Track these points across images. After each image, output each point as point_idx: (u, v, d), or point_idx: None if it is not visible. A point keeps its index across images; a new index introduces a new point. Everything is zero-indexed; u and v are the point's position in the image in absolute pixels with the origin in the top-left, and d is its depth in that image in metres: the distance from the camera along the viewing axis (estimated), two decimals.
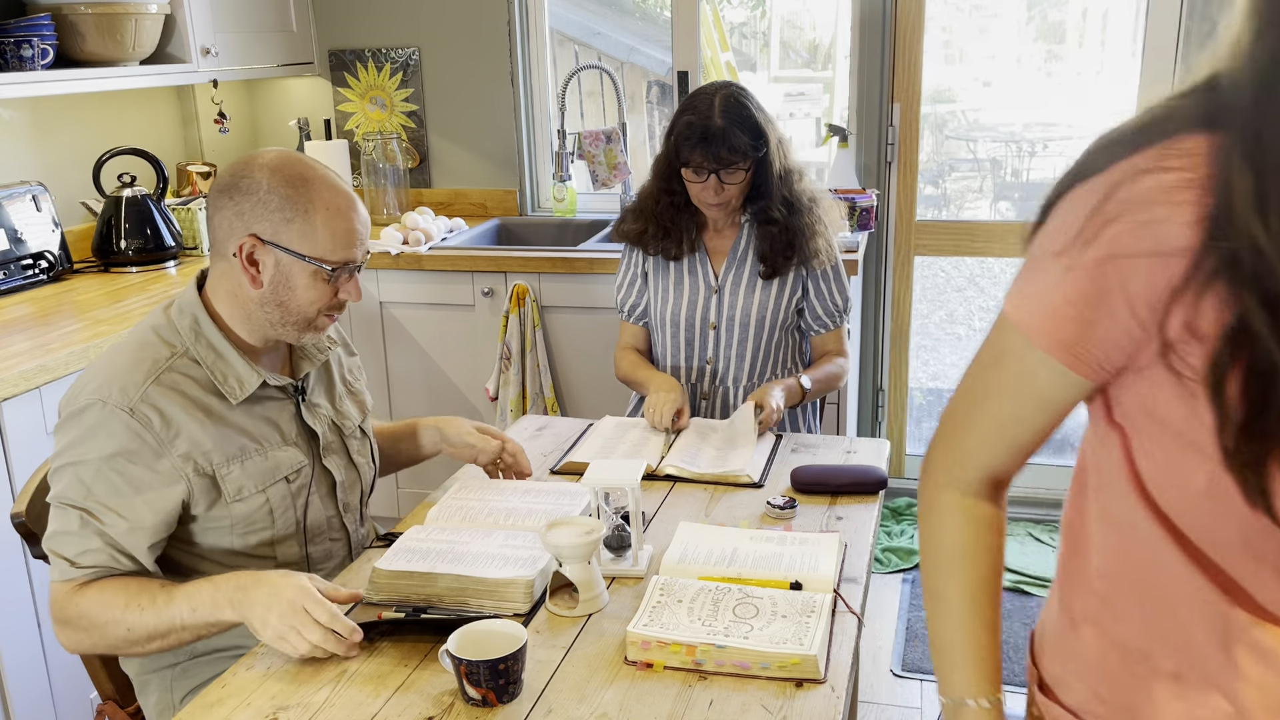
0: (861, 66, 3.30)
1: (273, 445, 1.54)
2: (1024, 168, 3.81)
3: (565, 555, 1.42)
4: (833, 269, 2.26)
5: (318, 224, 1.47)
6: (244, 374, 1.51)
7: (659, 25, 3.73)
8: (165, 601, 1.39)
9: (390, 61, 3.64)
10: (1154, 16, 3.14)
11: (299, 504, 1.57)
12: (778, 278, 2.22)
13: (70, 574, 1.42)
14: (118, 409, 1.41)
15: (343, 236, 1.49)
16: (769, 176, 2.16)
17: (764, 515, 1.73)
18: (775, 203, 2.17)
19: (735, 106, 2.10)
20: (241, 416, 1.51)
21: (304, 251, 1.47)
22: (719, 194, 2.13)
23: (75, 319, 2.49)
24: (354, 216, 1.51)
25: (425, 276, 3.12)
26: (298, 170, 1.48)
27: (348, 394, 1.71)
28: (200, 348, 1.50)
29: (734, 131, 2.08)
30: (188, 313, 1.52)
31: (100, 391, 1.42)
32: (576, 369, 3.09)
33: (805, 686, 1.27)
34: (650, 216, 2.25)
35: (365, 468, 1.71)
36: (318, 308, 1.51)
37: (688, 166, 2.13)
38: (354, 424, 1.69)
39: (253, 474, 1.51)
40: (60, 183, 3.05)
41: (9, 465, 2.10)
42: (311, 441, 1.61)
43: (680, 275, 2.27)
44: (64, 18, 2.71)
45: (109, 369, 1.45)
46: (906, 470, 3.66)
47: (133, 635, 1.40)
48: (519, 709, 1.24)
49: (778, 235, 2.19)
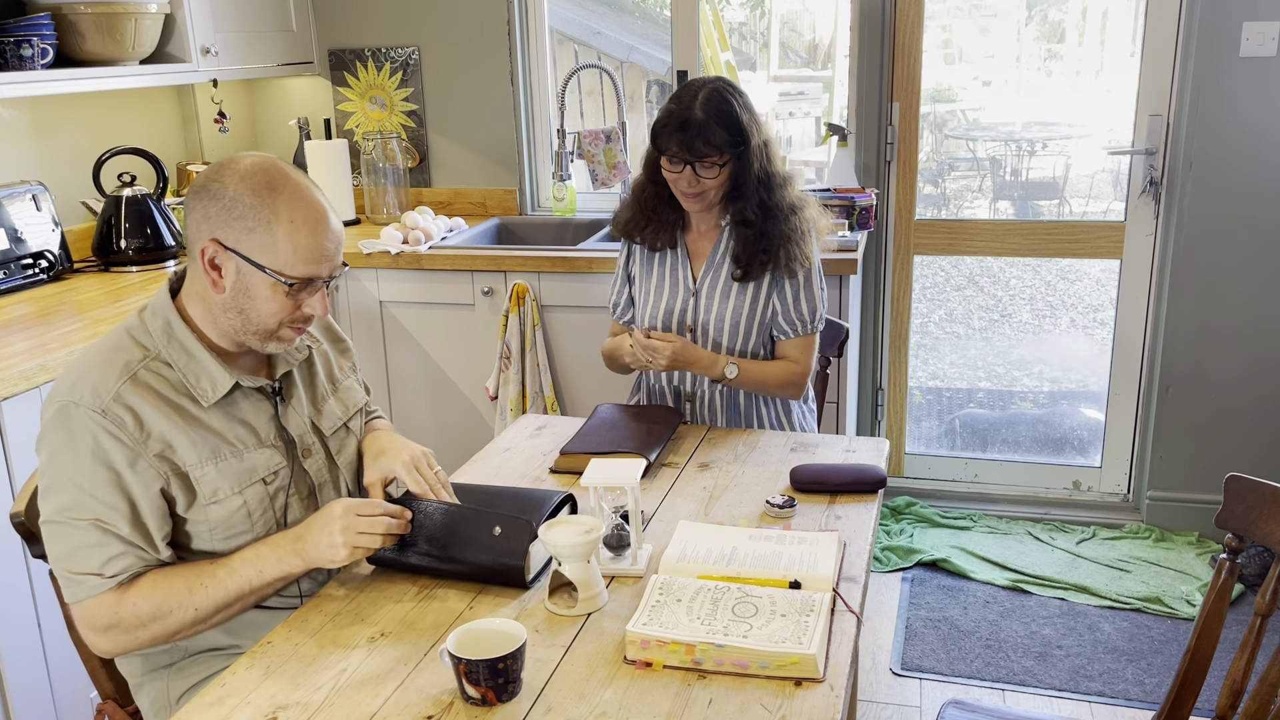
0: (861, 65, 3.30)
1: (248, 447, 1.53)
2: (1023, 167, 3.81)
3: (564, 554, 1.42)
4: (804, 279, 2.21)
5: (279, 236, 1.44)
6: (216, 375, 1.49)
7: (659, 25, 3.73)
8: (226, 575, 1.44)
9: (390, 61, 3.64)
10: (1153, 16, 3.14)
11: (277, 506, 1.56)
12: (752, 282, 2.21)
13: (104, 585, 1.42)
14: (90, 410, 1.40)
15: (305, 251, 1.45)
16: (747, 178, 2.15)
17: (763, 514, 1.74)
18: (750, 204, 2.16)
19: (718, 101, 2.10)
20: (215, 418, 1.50)
21: (264, 263, 1.44)
22: (693, 185, 2.13)
23: (75, 318, 2.49)
24: (321, 232, 1.46)
25: (425, 276, 3.12)
26: (269, 179, 1.45)
27: (333, 392, 1.69)
28: (172, 350, 1.48)
29: (712, 125, 2.08)
30: (160, 315, 1.50)
31: (72, 393, 1.41)
32: (576, 368, 3.09)
33: (804, 685, 1.27)
34: (639, 205, 2.27)
35: (348, 466, 1.68)
36: (278, 319, 1.48)
37: (664, 154, 2.14)
38: (336, 423, 1.67)
39: (228, 476, 1.49)
40: (60, 182, 3.05)
41: (9, 465, 2.11)
42: (290, 443, 1.59)
43: (662, 277, 2.28)
44: (64, 17, 2.71)
45: (81, 371, 1.44)
46: (906, 469, 3.66)
47: (200, 614, 1.43)
48: (518, 708, 1.24)
49: (751, 239, 2.18)
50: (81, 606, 1.43)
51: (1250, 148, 3.04)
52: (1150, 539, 3.30)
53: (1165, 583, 3.05)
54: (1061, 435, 3.66)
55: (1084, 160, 3.70)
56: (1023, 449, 3.66)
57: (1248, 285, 3.13)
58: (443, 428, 3.24)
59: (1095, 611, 2.93)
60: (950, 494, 3.58)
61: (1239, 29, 2.96)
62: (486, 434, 3.18)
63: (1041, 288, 4.19)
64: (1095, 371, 3.71)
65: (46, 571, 1.63)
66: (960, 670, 2.69)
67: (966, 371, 3.99)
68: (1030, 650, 2.76)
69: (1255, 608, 1.54)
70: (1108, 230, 3.33)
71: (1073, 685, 2.62)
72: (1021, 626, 2.87)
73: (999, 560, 3.18)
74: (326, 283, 1.51)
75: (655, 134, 2.14)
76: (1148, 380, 3.37)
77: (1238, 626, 2.74)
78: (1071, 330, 3.95)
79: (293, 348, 1.61)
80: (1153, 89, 3.18)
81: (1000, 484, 3.58)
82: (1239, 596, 2.95)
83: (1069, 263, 3.94)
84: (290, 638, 1.41)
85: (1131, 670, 2.67)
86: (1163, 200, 3.23)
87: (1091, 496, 3.52)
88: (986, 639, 2.82)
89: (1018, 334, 4.05)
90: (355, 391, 1.74)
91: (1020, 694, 2.61)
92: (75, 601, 1.43)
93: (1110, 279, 3.46)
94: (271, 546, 1.47)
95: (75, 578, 1.42)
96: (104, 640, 1.44)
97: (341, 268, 1.54)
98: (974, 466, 3.61)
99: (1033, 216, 3.67)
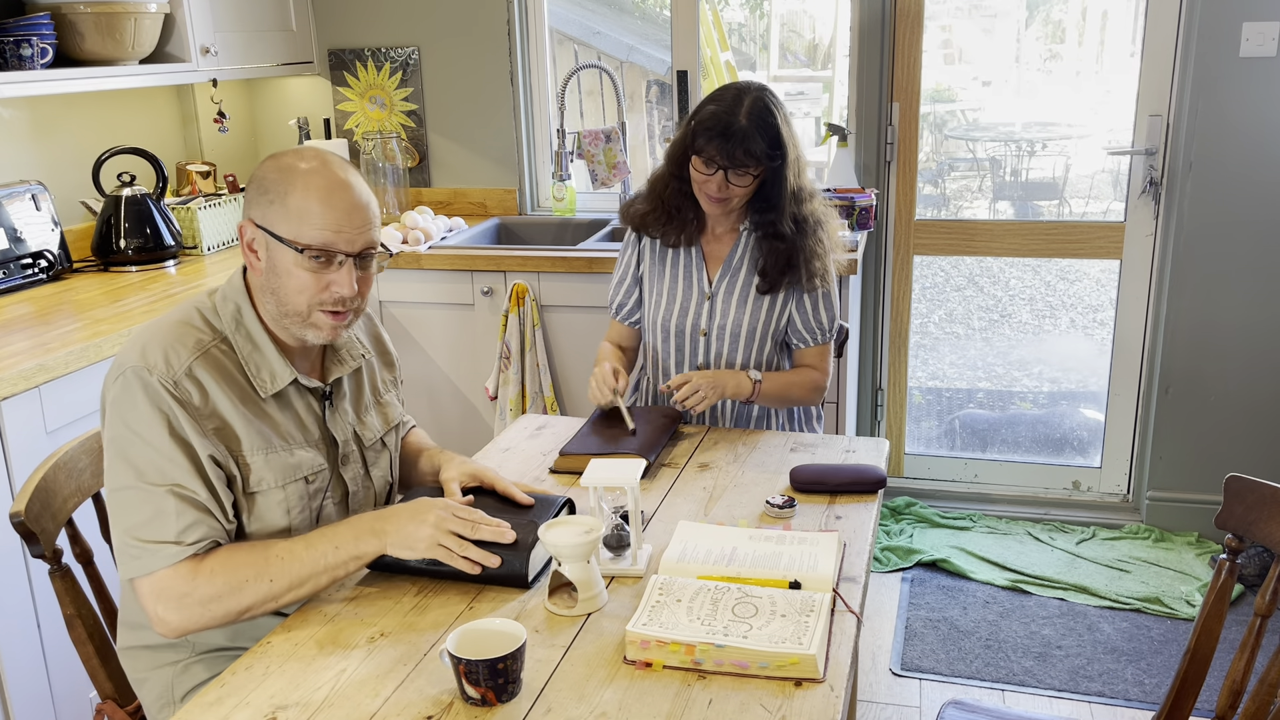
0: (861, 65, 3.30)
1: (296, 444, 1.54)
2: (1023, 167, 3.81)
3: (564, 554, 1.42)
4: (824, 292, 2.22)
5: (291, 204, 1.44)
6: (278, 368, 1.51)
7: (658, 25, 3.73)
8: (304, 548, 1.43)
9: (390, 61, 3.64)
10: (1153, 16, 3.14)
11: (314, 506, 1.57)
12: (771, 293, 2.21)
13: (182, 554, 1.39)
14: (162, 380, 1.41)
15: (317, 218, 1.44)
16: (782, 191, 2.13)
17: (763, 514, 1.73)
18: (785, 219, 2.14)
19: (762, 111, 2.07)
20: (271, 410, 1.51)
21: (281, 234, 1.45)
22: (721, 191, 2.11)
23: (75, 318, 2.49)
24: (335, 201, 1.45)
25: (425, 276, 3.12)
26: (299, 156, 1.48)
27: (375, 405, 1.70)
28: (239, 337, 1.50)
29: (755, 135, 2.05)
30: (231, 300, 1.52)
31: (145, 360, 1.42)
32: (576, 368, 3.08)
33: (804, 686, 1.27)
34: (658, 198, 2.23)
35: (380, 480, 1.70)
36: (305, 298, 1.48)
37: (699, 155, 2.10)
38: (375, 436, 1.68)
39: (274, 468, 1.50)
40: (60, 182, 3.05)
41: (8, 465, 2.10)
42: (332, 447, 1.60)
43: (675, 279, 2.26)
44: (63, 17, 2.71)
45: (149, 340, 1.44)
46: (905, 469, 3.66)
47: (275, 588, 1.41)
48: (518, 708, 1.24)
49: (782, 252, 2.16)
50: (154, 578, 1.39)
51: (1250, 148, 3.04)
52: (1150, 539, 3.30)
53: (1165, 583, 3.05)
54: (1061, 435, 3.66)
55: (1084, 160, 3.70)
56: (1022, 449, 3.66)
57: (1248, 285, 3.13)
58: (442, 428, 3.23)
59: (1095, 612, 2.93)
60: (950, 494, 3.58)
61: (1239, 29, 2.96)
62: (486, 434, 3.18)
63: (1041, 288, 4.19)
64: (1095, 372, 3.72)
65: (47, 571, 1.63)
66: (960, 670, 2.69)
67: (966, 372, 3.99)
68: (1030, 650, 2.76)
69: (1255, 608, 1.54)
70: (1107, 230, 3.33)
71: (1072, 686, 2.62)
72: (1021, 627, 2.87)
73: (999, 560, 3.18)
74: (358, 261, 1.49)
75: (695, 133, 2.09)
76: (1147, 380, 3.37)
77: (1237, 627, 2.74)
78: (1071, 330, 3.95)
79: (345, 352, 1.63)
80: (1152, 89, 3.18)
81: (1000, 484, 3.59)
82: (1239, 597, 2.95)
83: (1069, 263, 3.94)
84: (290, 638, 1.40)
85: (1131, 670, 2.67)
86: (1162, 200, 3.23)
87: (1091, 497, 3.52)
88: (986, 639, 2.82)
89: (1017, 334, 4.05)
90: (395, 407, 1.76)
91: (1020, 694, 2.61)
92: (147, 573, 1.39)
93: (1110, 279, 3.46)
94: (348, 525, 1.46)
95: (149, 547, 1.39)
96: (175, 614, 1.39)
97: (381, 252, 1.52)
98: (974, 467, 3.61)
99: (1032, 217, 3.67)
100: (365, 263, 1.52)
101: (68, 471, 1.66)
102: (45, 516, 1.58)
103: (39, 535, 1.56)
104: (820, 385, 2.26)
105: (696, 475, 1.90)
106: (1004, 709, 1.99)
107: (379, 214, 1.54)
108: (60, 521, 1.62)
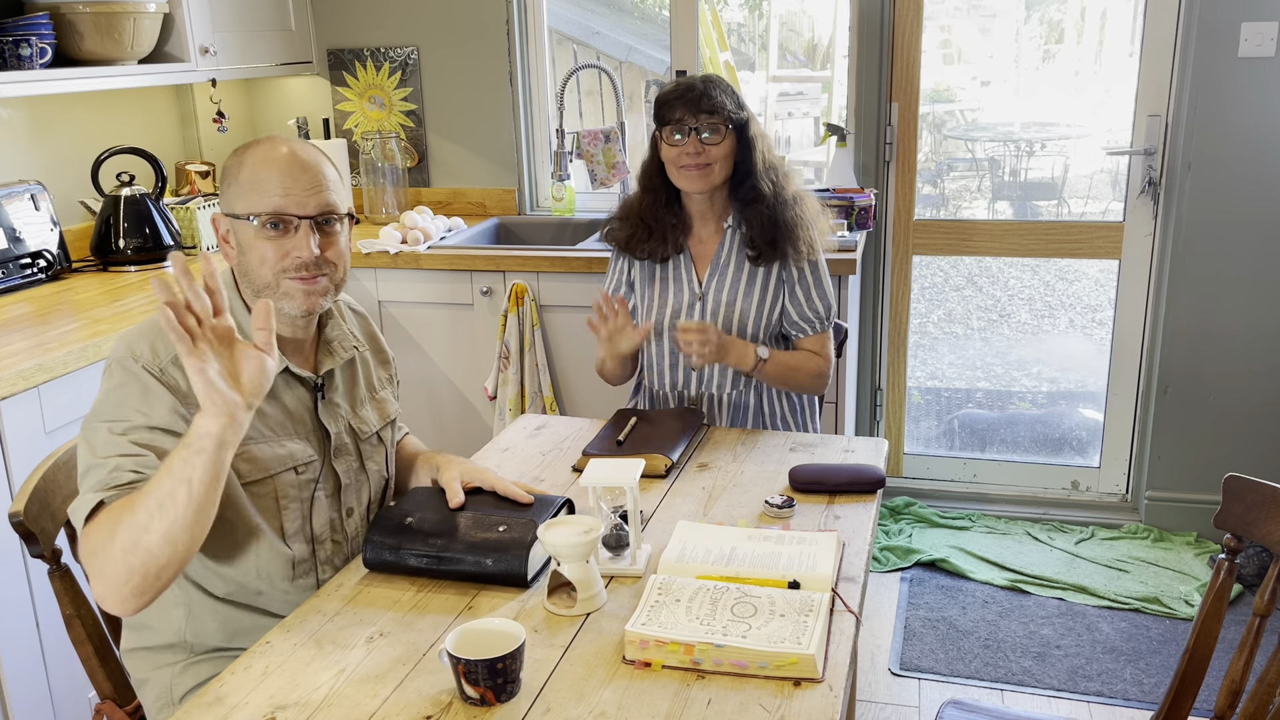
0: (860, 66, 3.30)
1: (286, 434, 1.54)
2: (1022, 167, 3.81)
3: (563, 554, 1.42)
4: (811, 268, 2.22)
5: (244, 179, 1.49)
6: None
7: (657, 25, 3.73)
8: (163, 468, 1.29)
9: (389, 61, 3.64)
10: (1152, 16, 3.14)
11: (305, 497, 1.57)
12: (761, 278, 2.20)
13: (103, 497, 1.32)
14: (146, 369, 1.42)
15: (265, 185, 1.47)
16: (754, 155, 2.18)
17: (762, 514, 1.74)
18: (763, 180, 2.18)
19: (717, 80, 2.18)
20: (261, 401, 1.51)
21: (238, 210, 1.49)
22: (698, 155, 2.12)
23: (74, 318, 2.49)
24: (282, 167, 1.47)
25: (424, 276, 3.12)
26: (253, 141, 1.52)
27: (370, 399, 1.70)
28: None
29: (715, 91, 2.14)
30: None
31: (131, 349, 1.43)
32: (575, 368, 3.08)
33: (803, 686, 1.27)
34: (636, 217, 2.25)
35: (376, 474, 1.70)
36: (269, 268, 1.49)
37: (668, 127, 2.14)
38: (371, 430, 1.68)
39: (263, 458, 1.51)
40: (59, 182, 3.05)
41: (8, 465, 2.10)
42: (324, 439, 1.61)
43: (665, 283, 2.26)
44: (62, 17, 2.71)
45: (138, 334, 1.46)
46: (904, 469, 3.66)
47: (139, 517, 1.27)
48: (517, 708, 1.24)
49: (767, 217, 2.18)
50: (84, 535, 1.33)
51: (1249, 148, 3.04)
52: (1149, 539, 3.30)
53: (1164, 583, 3.05)
54: (1060, 435, 3.66)
55: (1083, 160, 3.70)
56: (1021, 449, 3.66)
57: (1247, 285, 3.13)
58: (441, 428, 3.23)
59: (1094, 611, 2.93)
60: (949, 494, 3.58)
61: (1238, 29, 2.96)
62: (485, 434, 3.18)
63: (1040, 288, 4.19)
64: (1094, 372, 3.72)
65: (46, 571, 1.63)
66: (959, 670, 2.69)
67: (965, 372, 3.99)
68: (1029, 650, 2.76)
69: (1254, 608, 1.54)
70: (1106, 230, 3.34)
71: (1071, 685, 2.62)
72: (1020, 626, 2.87)
73: (998, 560, 3.18)
74: (318, 225, 1.50)
75: (659, 106, 2.16)
76: (1146, 380, 3.37)
77: (1236, 627, 2.74)
78: (1070, 330, 3.95)
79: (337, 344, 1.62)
80: (1151, 89, 3.18)
81: (999, 484, 3.59)
82: (1237, 597, 2.95)
83: (1068, 263, 3.94)
84: (289, 638, 1.40)
85: (1130, 670, 2.67)
86: (1161, 200, 3.23)
87: (1090, 497, 3.52)
88: (985, 639, 2.82)
89: (1016, 334, 4.05)
90: (390, 403, 1.76)
91: (1019, 694, 2.61)
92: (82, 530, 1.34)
93: (1109, 279, 3.46)
94: None
95: (83, 500, 1.34)
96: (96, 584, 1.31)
97: (337, 215, 1.51)
98: (973, 467, 3.61)
99: (1031, 217, 3.68)
100: (327, 227, 1.51)
101: (67, 471, 1.66)
102: (44, 516, 1.58)
103: (38, 535, 1.56)
104: (824, 372, 2.26)
105: (696, 475, 1.90)
106: (1003, 709, 1.99)
107: (337, 179, 1.55)
108: (59, 522, 1.62)
